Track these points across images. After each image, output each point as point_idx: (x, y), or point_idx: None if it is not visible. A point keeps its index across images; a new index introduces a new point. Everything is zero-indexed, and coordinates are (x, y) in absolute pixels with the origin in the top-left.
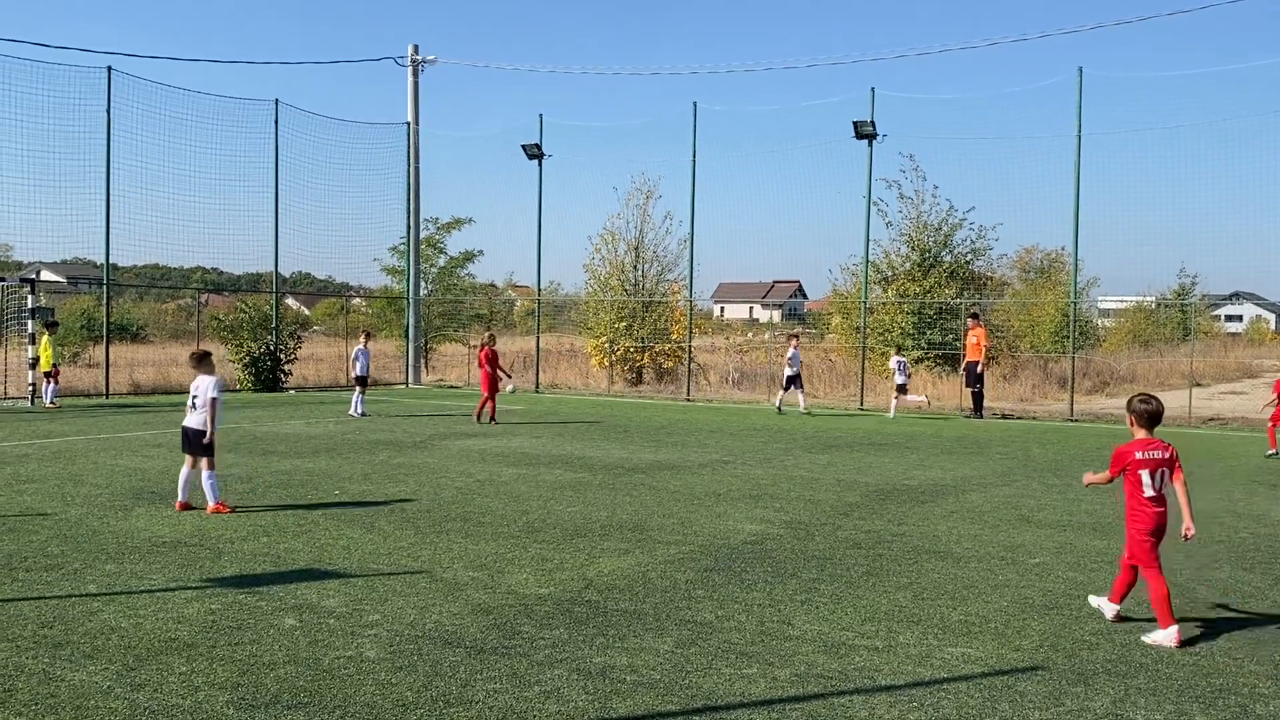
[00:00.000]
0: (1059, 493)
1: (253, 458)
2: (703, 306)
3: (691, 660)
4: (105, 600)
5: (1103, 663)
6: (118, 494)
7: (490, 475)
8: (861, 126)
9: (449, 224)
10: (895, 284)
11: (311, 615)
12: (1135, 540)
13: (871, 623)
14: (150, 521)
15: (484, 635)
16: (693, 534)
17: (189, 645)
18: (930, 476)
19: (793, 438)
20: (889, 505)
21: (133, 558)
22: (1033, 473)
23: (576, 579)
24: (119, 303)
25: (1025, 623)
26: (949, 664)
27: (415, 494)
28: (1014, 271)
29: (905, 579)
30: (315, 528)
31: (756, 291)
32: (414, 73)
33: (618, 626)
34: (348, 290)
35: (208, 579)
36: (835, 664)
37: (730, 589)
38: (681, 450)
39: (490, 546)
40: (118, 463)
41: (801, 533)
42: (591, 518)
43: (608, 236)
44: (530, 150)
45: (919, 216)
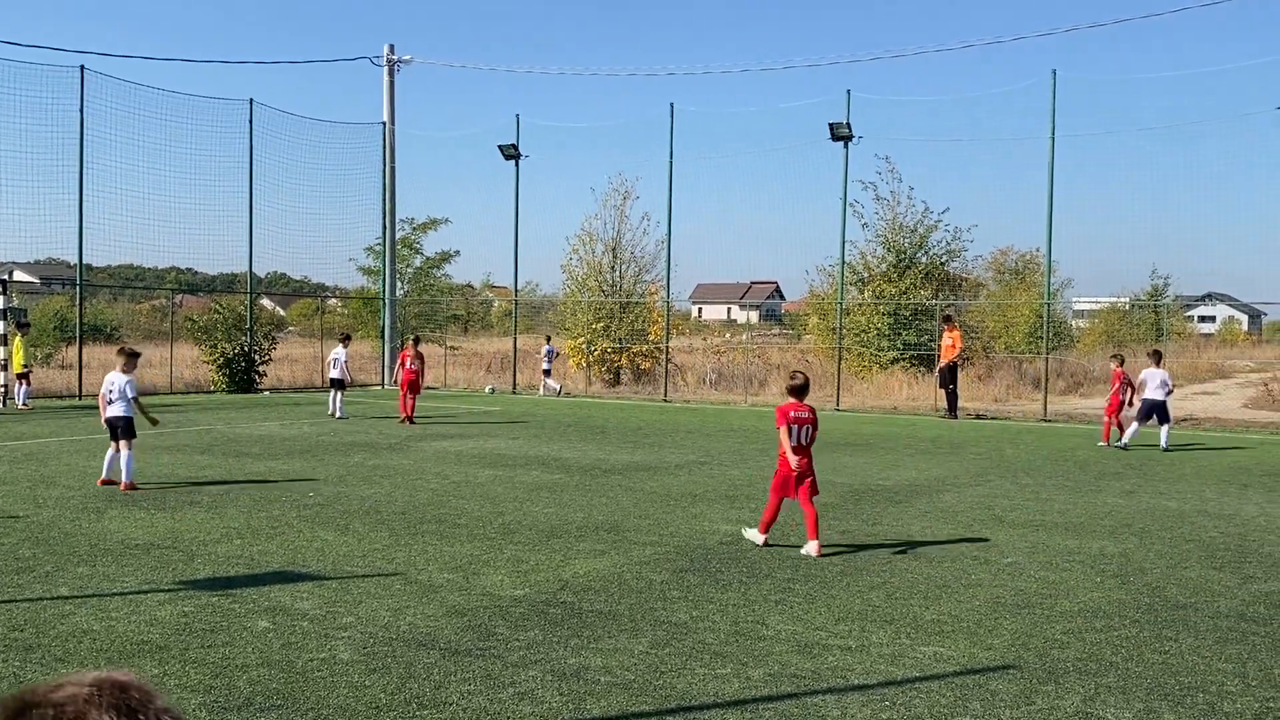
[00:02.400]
0: (1032, 493)
1: (227, 459)
2: (680, 307)
3: (666, 661)
4: (77, 603)
5: (1073, 661)
6: (90, 496)
7: (466, 477)
8: (837, 128)
9: (425, 224)
10: (871, 285)
11: (285, 617)
12: (779, 475)
13: (845, 622)
14: (123, 524)
15: (458, 637)
16: (669, 535)
17: (161, 648)
18: (905, 477)
19: (769, 439)
20: (864, 505)
21: (105, 560)
22: (1006, 473)
23: (552, 580)
24: (92, 303)
25: (997, 622)
26: (921, 663)
27: (390, 496)
28: (989, 273)
29: (879, 578)
30: (289, 530)
31: (734, 292)
32: (390, 73)
33: (593, 627)
34: (323, 291)
35: (180, 581)
36: (809, 664)
37: (705, 589)
38: (658, 451)
39: (465, 548)
40: (91, 465)
41: (776, 533)
42: (567, 519)
43: (585, 237)
44: (507, 151)
45: (895, 218)
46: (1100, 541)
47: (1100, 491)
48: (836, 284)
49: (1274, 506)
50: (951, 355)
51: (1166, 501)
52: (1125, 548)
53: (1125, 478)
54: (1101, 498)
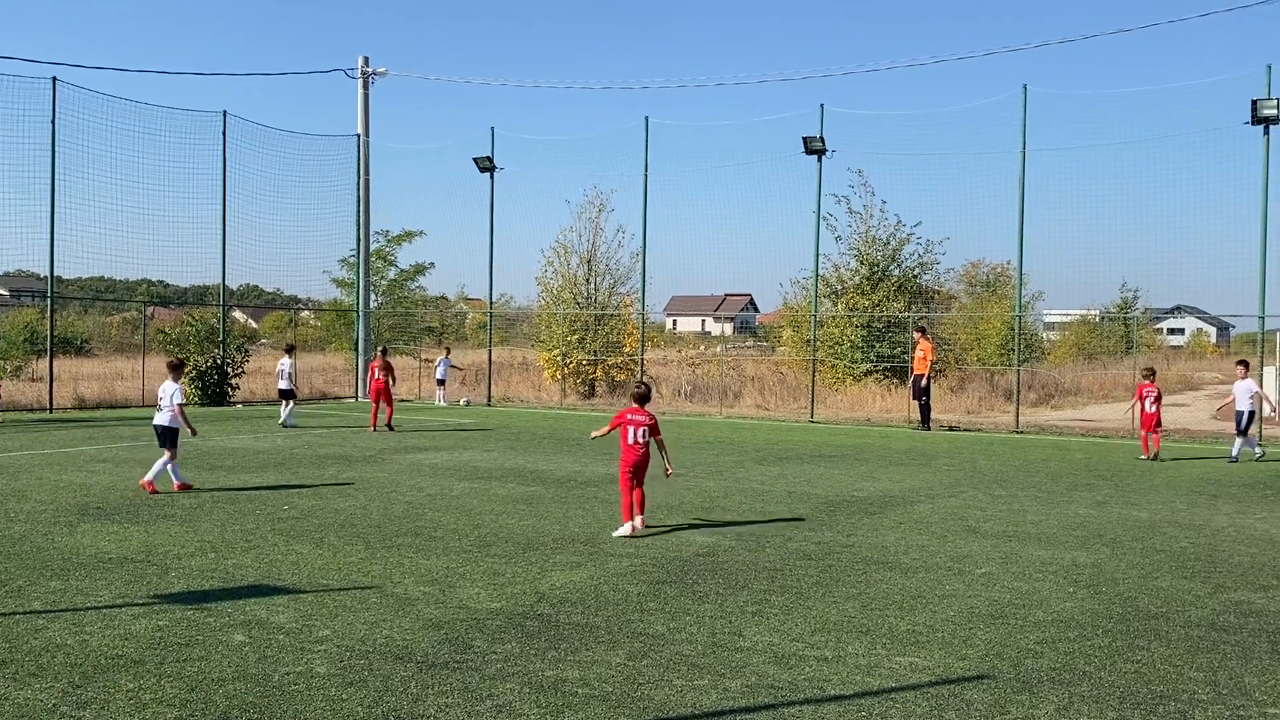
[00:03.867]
0: (1005, 504)
1: (200, 472)
2: (654, 319)
3: (643, 672)
4: (50, 617)
5: (1047, 671)
6: (63, 510)
7: (441, 489)
8: (811, 142)
9: (399, 236)
10: (845, 297)
11: (261, 631)
12: (622, 470)
13: (821, 633)
14: (96, 538)
15: (435, 650)
16: (645, 547)
17: (136, 662)
18: (879, 488)
19: (744, 450)
20: (838, 516)
21: (78, 574)
22: (979, 484)
23: (528, 593)
24: (63, 315)
25: (971, 632)
26: (897, 674)
27: (365, 508)
28: (961, 285)
29: (854, 589)
30: (263, 543)
31: (708, 305)
32: (364, 85)
33: (570, 640)
34: (296, 303)
35: (155, 595)
36: (785, 675)
37: (682, 601)
38: None
39: (441, 561)
40: (62, 478)
41: (752, 544)
42: (544, 531)
43: (560, 249)
44: (482, 163)
45: (868, 231)
46: (1073, 552)
47: (1072, 502)
48: (810, 296)
49: (1243, 517)
50: (924, 367)
51: (1137, 512)
52: (1097, 558)
53: (1097, 489)
54: (1073, 508)
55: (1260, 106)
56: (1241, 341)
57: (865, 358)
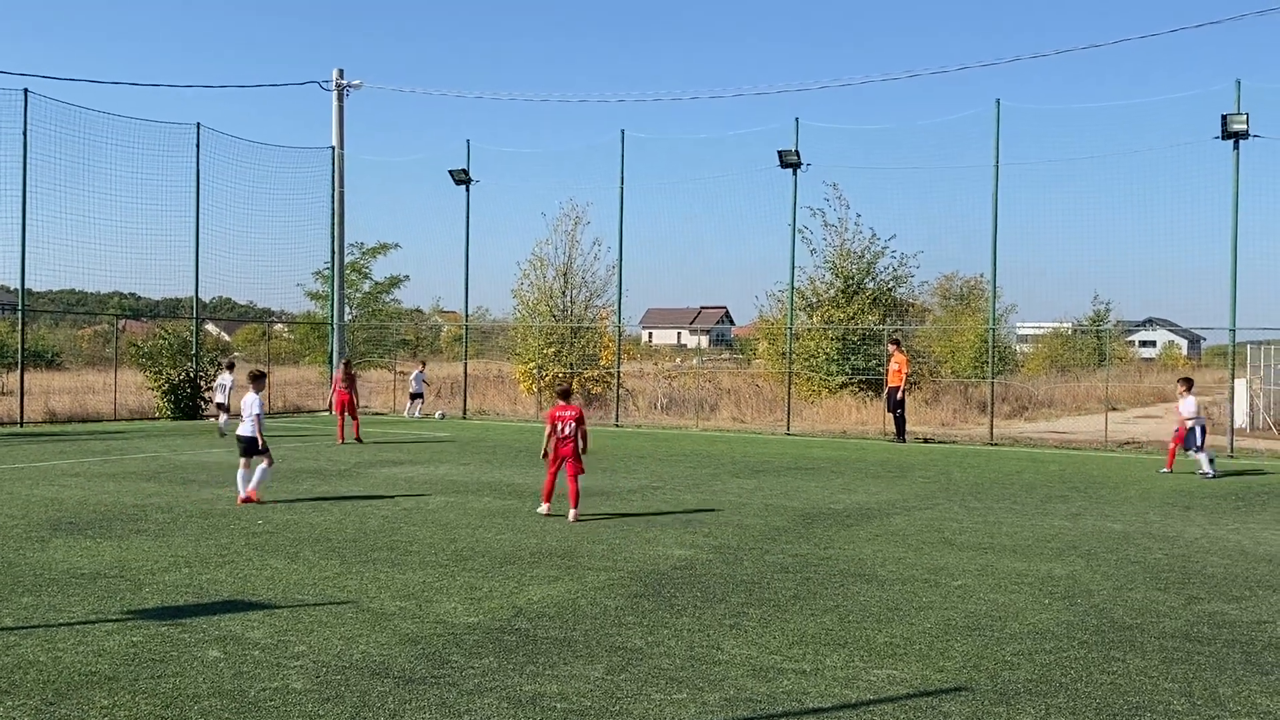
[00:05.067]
0: (980, 516)
1: (173, 486)
2: (630, 332)
3: (622, 687)
4: (23, 634)
5: (1024, 683)
6: (34, 525)
7: (417, 503)
8: (786, 155)
9: (374, 249)
10: (820, 310)
11: (236, 647)
12: (552, 462)
13: (799, 646)
14: (68, 553)
15: (412, 665)
16: (622, 560)
17: (110, 679)
18: (855, 500)
19: (721, 463)
20: (815, 529)
21: (50, 590)
22: (954, 496)
23: (506, 607)
24: (33, 328)
25: (948, 644)
26: (875, 686)
27: (340, 523)
28: (935, 298)
29: (832, 602)
30: (238, 558)
31: (684, 317)
32: (339, 97)
33: (548, 654)
34: (269, 316)
35: (129, 611)
36: (764, 687)
37: (660, 614)
38: (611, 476)
39: (418, 575)
40: (34, 493)
41: (730, 557)
42: (521, 545)
43: (536, 262)
44: (458, 176)
45: (843, 244)
46: (1048, 564)
47: (1047, 514)
48: (786, 309)
49: (1216, 529)
50: (899, 380)
51: (1111, 524)
52: (1072, 570)
53: (1071, 500)
54: (1048, 520)
55: (1230, 121)
56: (1212, 354)
57: (840, 370)
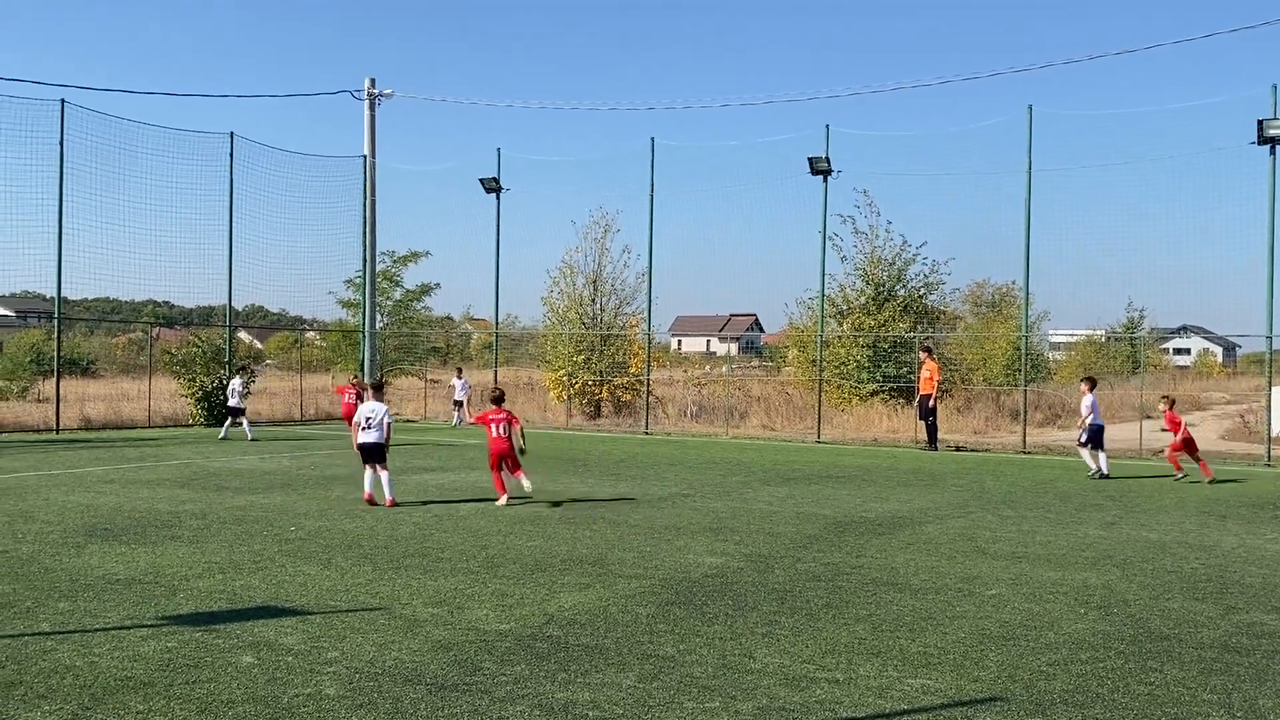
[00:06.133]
0: (1014, 524)
1: (207, 493)
2: (660, 339)
3: (654, 695)
4: (59, 639)
5: (1060, 693)
6: (70, 531)
7: (448, 510)
8: (817, 162)
9: (405, 257)
10: (851, 318)
11: (269, 653)
12: (492, 458)
13: (832, 655)
14: (104, 559)
15: (444, 672)
16: (653, 567)
17: (146, 684)
18: (887, 508)
19: (751, 471)
20: (847, 537)
21: (86, 595)
22: (987, 505)
23: (537, 614)
24: (69, 336)
25: (983, 654)
26: (909, 696)
27: (372, 529)
28: (966, 305)
29: (864, 611)
30: (271, 564)
31: (713, 325)
32: (371, 106)
33: (579, 662)
34: (301, 324)
35: (163, 617)
36: (797, 697)
37: (691, 623)
38: (641, 483)
39: (449, 582)
40: (69, 499)
41: (761, 565)
42: (551, 552)
43: (566, 270)
44: (488, 184)
45: (873, 251)
46: (1083, 573)
47: (1081, 523)
48: (816, 316)
49: (1253, 538)
50: (930, 387)
51: (1147, 533)
52: (1108, 579)
53: (1106, 509)
54: (1083, 529)
55: (1267, 126)
56: (1248, 361)
57: (871, 378)
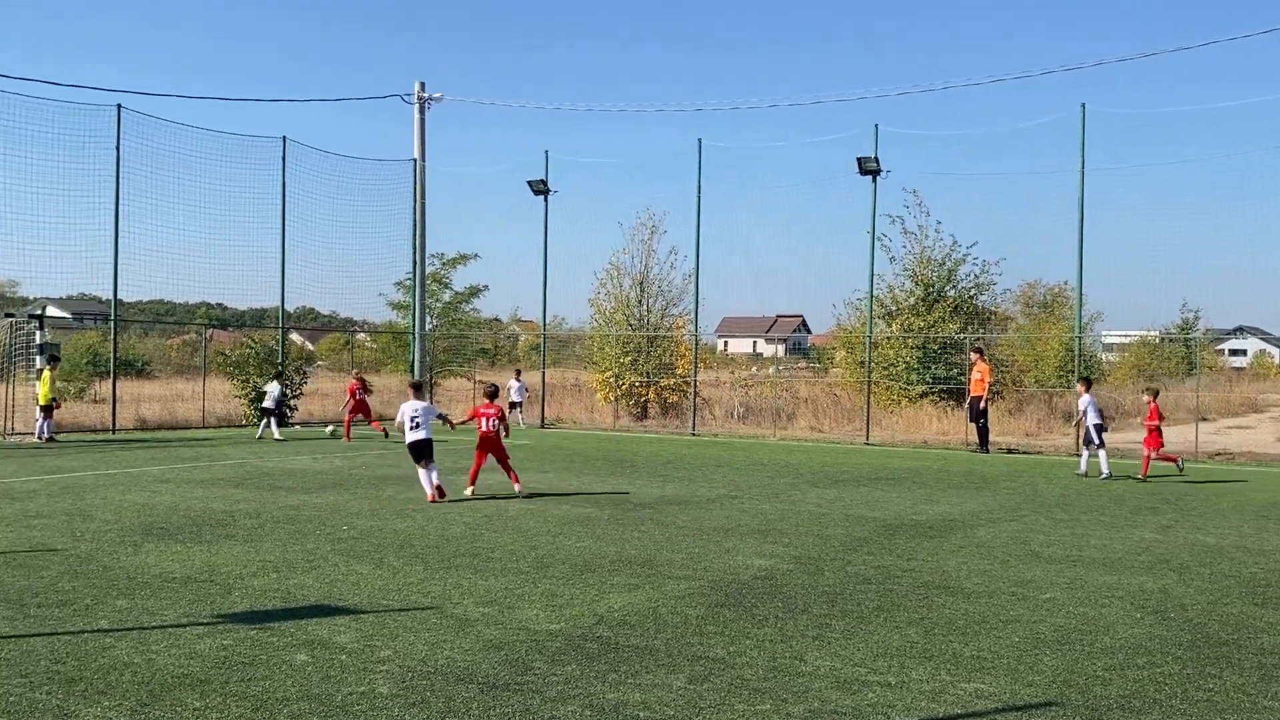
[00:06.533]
0: (1067, 528)
1: (260, 492)
2: (707, 340)
3: (704, 696)
4: (117, 636)
5: (1116, 698)
6: (127, 529)
7: (498, 510)
8: (865, 162)
9: (454, 259)
10: (900, 318)
11: (323, 651)
12: (479, 448)
13: (884, 658)
14: (160, 557)
15: (496, 671)
16: (702, 569)
17: (202, 681)
18: (938, 511)
19: (799, 472)
20: (898, 540)
21: (144, 593)
22: (1040, 508)
23: (587, 615)
24: (124, 338)
25: (1037, 658)
26: (962, 700)
27: (423, 529)
28: (1017, 306)
29: (916, 614)
30: (324, 563)
31: (760, 326)
32: (420, 109)
33: (629, 662)
34: (352, 325)
35: (219, 615)
36: (848, 700)
37: (741, 624)
38: (688, 485)
39: (500, 582)
40: (126, 498)
41: (811, 568)
42: (600, 553)
43: (613, 271)
44: (536, 186)
45: (923, 251)
46: (1139, 577)
47: (1136, 526)
48: (864, 317)
49: None
50: (981, 389)
51: (1204, 537)
52: (1164, 583)
53: (1161, 513)
54: (1138, 533)
55: None
56: None
57: (921, 379)
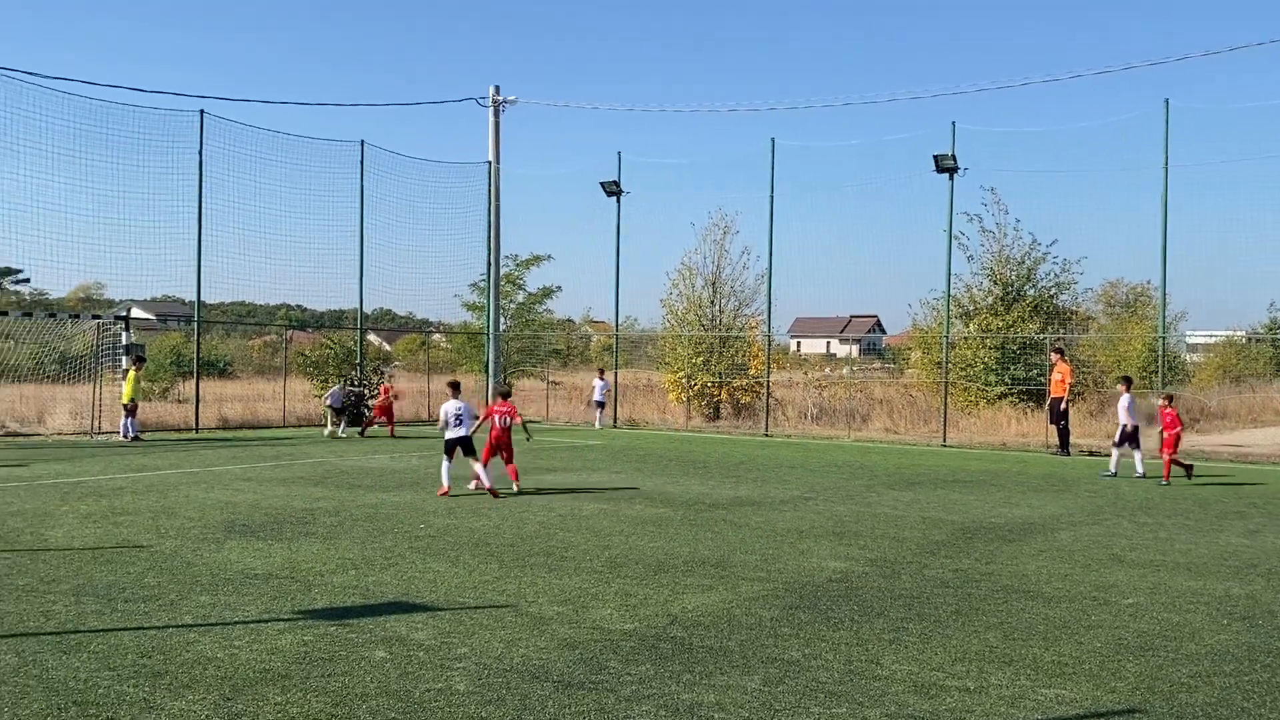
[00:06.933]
0: (1151, 532)
1: (339, 491)
2: (779, 341)
3: (780, 699)
4: (201, 631)
5: (1202, 706)
6: (210, 527)
7: (572, 509)
8: (942, 160)
9: (528, 260)
10: (977, 318)
11: (401, 647)
12: (488, 445)
13: (962, 663)
14: (242, 554)
15: (571, 670)
16: (776, 571)
17: (283, 676)
18: (1017, 514)
19: (874, 474)
20: (976, 544)
21: (226, 589)
22: (1123, 511)
23: (661, 615)
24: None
25: (1120, 664)
26: (1043, 706)
27: (499, 528)
28: (1099, 306)
29: (995, 619)
30: (402, 561)
31: (833, 326)
32: (495, 113)
33: (704, 663)
34: (428, 326)
35: (299, 611)
36: (926, 705)
37: (816, 627)
38: (762, 486)
39: (574, 581)
40: (209, 496)
41: (887, 571)
42: (674, 553)
43: (685, 272)
44: (609, 187)
45: (1001, 250)
46: (1225, 583)
47: (1222, 531)
48: (941, 317)
49: None
50: (1062, 390)
51: None
52: (1252, 589)
53: (1248, 517)
54: (1224, 537)
55: None
56: None
57: (999, 380)
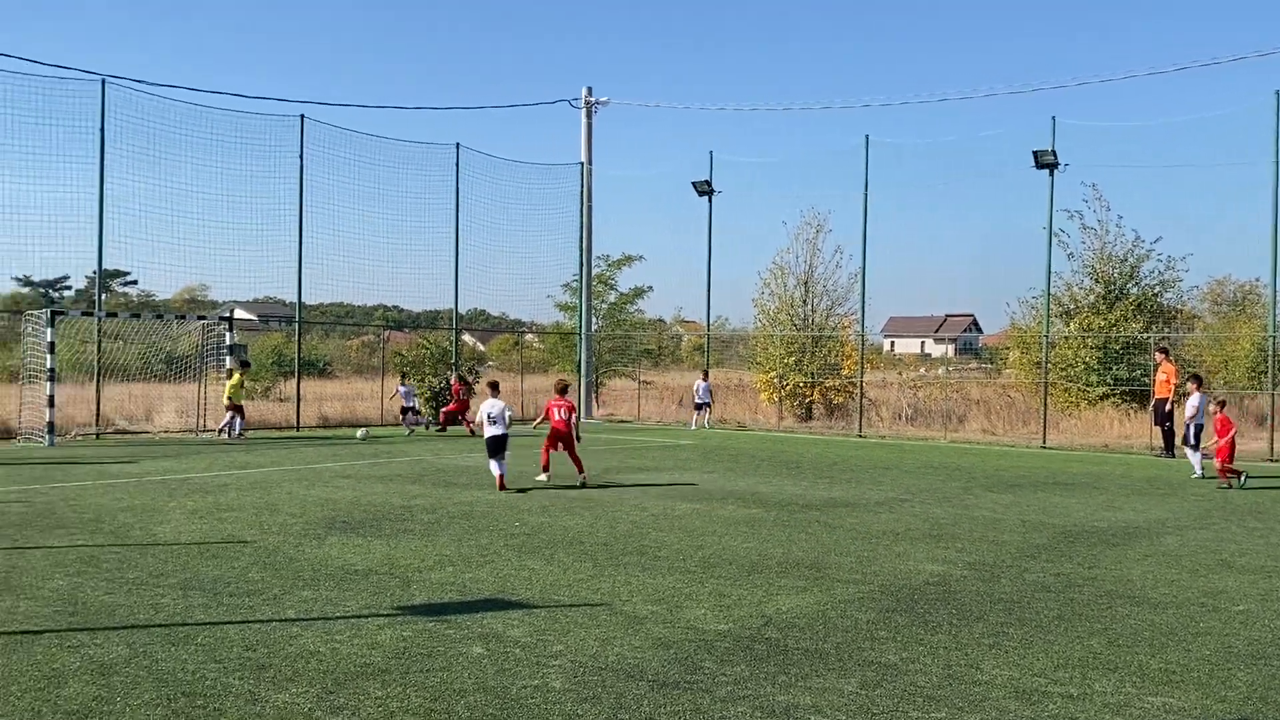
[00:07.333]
0: (1261, 537)
1: (436, 488)
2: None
3: (877, 702)
4: (304, 625)
5: None
6: (311, 523)
7: (664, 509)
8: (1042, 156)
9: (619, 261)
10: (1078, 317)
11: (498, 644)
12: (550, 437)
13: (1065, 669)
14: (342, 550)
15: (666, 669)
16: (872, 573)
17: (383, 671)
18: (1121, 518)
19: (972, 476)
20: (1078, 547)
21: (327, 585)
22: (1231, 515)
23: (755, 616)
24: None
25: (1230, 673)
26: (1149, 713)
27: (592, 526)
28: (1205, 304)
29: (1099, 624)
30: (498, 558)
31: (928, 325)
32: (587, 114)
33: (799, 665)
34: (521, 326)
35: (398, 607)
36: (1028, 710)
37: (914, 630)
38: (856, 487)
39: (668, 580)
40: (310, 493)
41: (986, 574)
42: (767, 554)
43: (777, 271)
44: (700, 187)
45: (1103, 248)
46: None
47: None
48: (1040, 316)
49: None
50: (1167, 390)
51: None
52: None
53: None
54: None
55: None
56: None
57: (1101, 380)
